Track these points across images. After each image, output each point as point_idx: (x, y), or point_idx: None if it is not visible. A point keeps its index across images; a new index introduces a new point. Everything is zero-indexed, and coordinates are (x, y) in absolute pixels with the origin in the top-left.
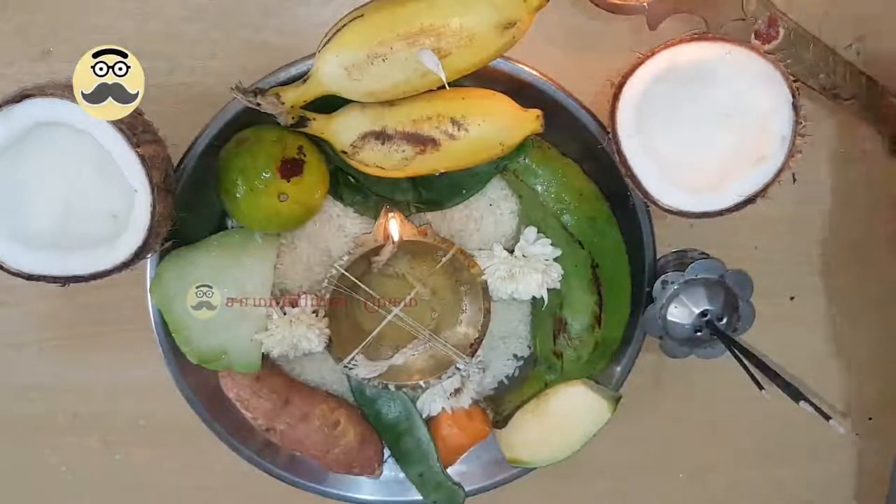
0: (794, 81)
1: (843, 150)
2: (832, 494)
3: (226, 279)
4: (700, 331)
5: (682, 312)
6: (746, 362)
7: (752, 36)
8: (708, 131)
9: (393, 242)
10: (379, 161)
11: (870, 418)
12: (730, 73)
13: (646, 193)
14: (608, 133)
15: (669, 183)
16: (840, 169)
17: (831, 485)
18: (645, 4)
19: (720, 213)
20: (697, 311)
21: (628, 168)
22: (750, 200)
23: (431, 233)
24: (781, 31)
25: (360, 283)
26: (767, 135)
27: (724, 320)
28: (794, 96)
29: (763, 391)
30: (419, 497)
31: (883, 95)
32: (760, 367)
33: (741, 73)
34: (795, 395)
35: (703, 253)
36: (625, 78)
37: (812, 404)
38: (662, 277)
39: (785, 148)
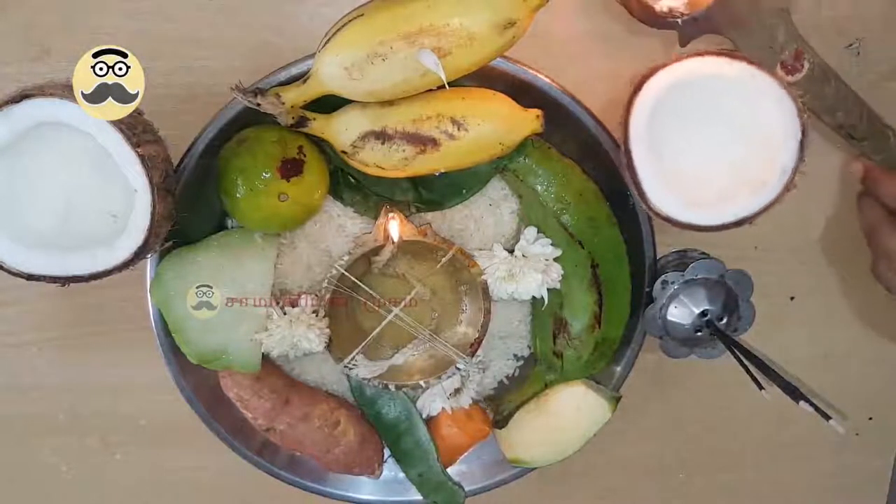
0: (809, 113)
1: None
2: (832, 494)
3: (226, 279)
4: (700, 331)
5: (682, 312)
6: (746, 362)
7: (778, 66)
8: (714, 147)
9: (393, 243)
10: (379, 161)
11: (870, 418)
12: (749, 96)
13: (642, 194)
14: (622, 124)
15: (667, 189)
16: (840, 171)
17: (831, 485)
18: (679, 21)
19: (710, 228)
20: (697, 311)
21: (631, 167)
22: (740, 223)
23: (431, 233)
24: (806, 65)
25: (360, 283)
26: (771, 163)
27: (724, 320)
28: (804, 134)
29: (763, 391)
30: (419, 497)
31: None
32: (760, 368)
33: (760, 98)
34: (795, 395)
35: (703, 253)
36: (648, 76)
37: (812, 404)
38: (662, 277)
39: (784, 180)
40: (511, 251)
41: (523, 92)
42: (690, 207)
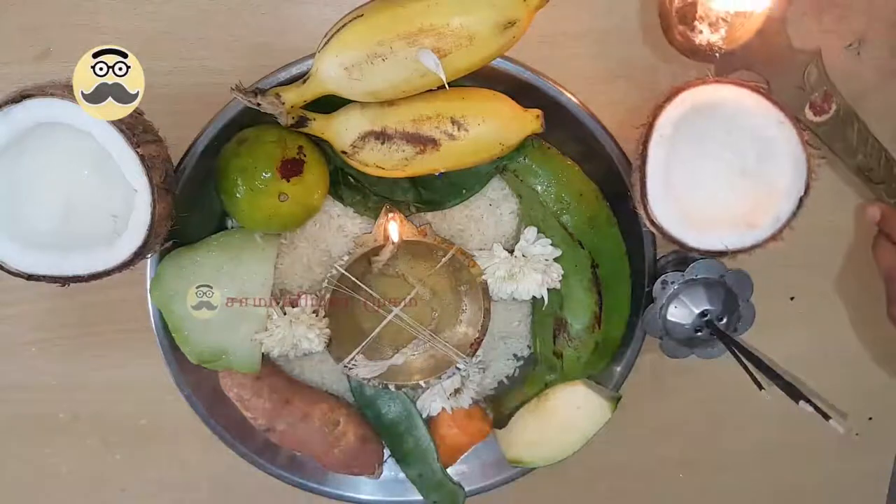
0: (830, 155)
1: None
2: (832, 494)
3: (226, 279)
4: (700, 331)
5: (682, 312)
6: (746, 362)
7: (807, 106)
8: (723, 176)
9: (393, 243)
10: (379, 161)
11: (870, 418)
12: (770, 139)
13: (645, 200)
14: (645, 126)
15: (669, 202)
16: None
17: (831, 485)
18: (717, 55)
19: (696, 250)
20: (697, 311)
21: (643, 170)
22: (724, 253)
23: (431, 233)
24: (833, 107)
25: (360, 283)
26: (768, 209)
27: (724, 320)
28: (806, 191)
29: (763, 391)
30: (419, 497)
31: None
32: (760, 367)
33: (779, 145)
34: (795, 395)
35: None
36: (683, 88)
37: (812, 404)
38: (662, 277)
39: (774, 228)
40: (511, 251)
41: (523, 92)
42: (685, 225)
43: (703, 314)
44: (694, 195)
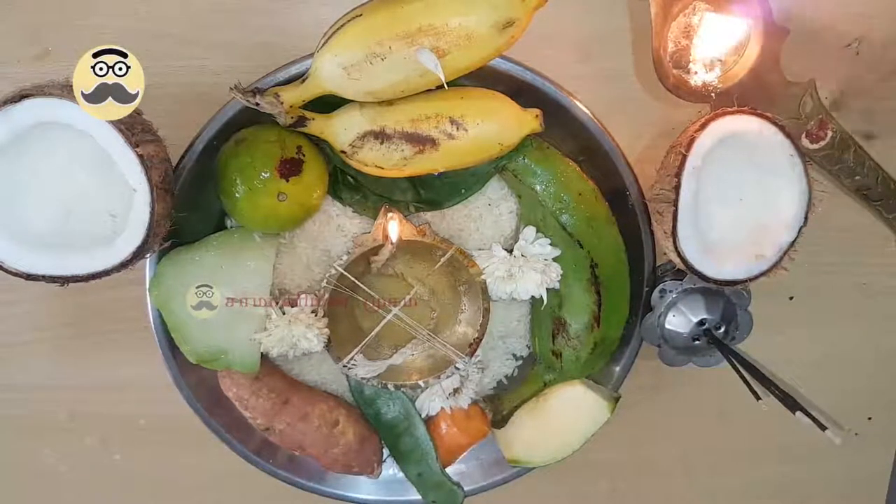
0: (831, 178)
1: None
2: (832, 494)
3: (225, 279)
4: (698, 339)
5: (680, 321)
6: (744, 372)
7: (804, 135)
8: (736, 207)
9: (392, 242)
10: (378, 161)
11: (869, 418)
12: (783, 173)
13: (676, 239)
14: (680, 155)
15: (693, 233)
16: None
17: (831, 485)
18: (713, 94)
19: (707, 279)
20: (696, 319)
21: (676, 207)
22: (732, 283)
23: (430, 233)
24: (829, 134)
25: (359, 283)
26: (772, 239)
27: (723, 329)
28: (805, 222)
29: (760, 402)
30: (419, 497)
31: None
32: (758, 377)
33: (787, 177)
34: (792, 405)
35: None
36: (713, 118)
37: (808, 415)
38: (661, 286)
39: (775, 258)
40: (510, 251)
41: (523, 92)
42: (705, 257)
43: (701, 323)
44: (712, 226)
